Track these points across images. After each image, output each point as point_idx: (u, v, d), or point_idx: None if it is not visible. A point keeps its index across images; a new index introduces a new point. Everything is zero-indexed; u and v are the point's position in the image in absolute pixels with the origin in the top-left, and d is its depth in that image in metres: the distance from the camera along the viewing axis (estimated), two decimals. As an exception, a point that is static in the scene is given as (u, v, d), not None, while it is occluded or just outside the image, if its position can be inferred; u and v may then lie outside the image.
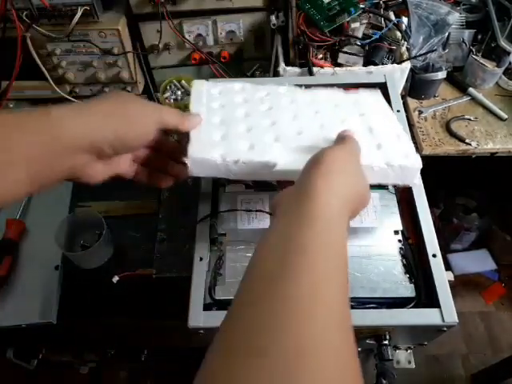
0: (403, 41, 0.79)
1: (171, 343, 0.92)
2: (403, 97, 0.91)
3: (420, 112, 0.91)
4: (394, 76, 0.71)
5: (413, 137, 0.85)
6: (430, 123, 0.90)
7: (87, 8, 0.75)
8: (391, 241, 0.55)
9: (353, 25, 0.77)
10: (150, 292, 0.70)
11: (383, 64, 0.77)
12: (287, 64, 0.78)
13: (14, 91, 0.84)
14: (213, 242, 0.55)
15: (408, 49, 0.80)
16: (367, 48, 0.78)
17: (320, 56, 0.77)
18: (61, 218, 0.74)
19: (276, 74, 0.81)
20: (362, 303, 0.50)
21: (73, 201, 0.79)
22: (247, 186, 0.60)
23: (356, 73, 0.75)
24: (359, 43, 0.77)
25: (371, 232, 0.56)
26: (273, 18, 0.80)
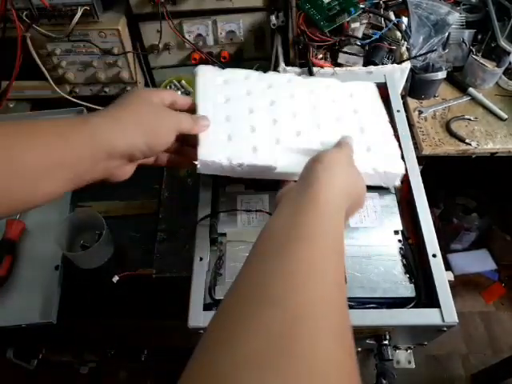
0: (403, 41, 0.79)
1: (171, 343, 0.91)
2: (403, 97, 0.91)
3: (420, 112, 0.91)
4: (394, 76, 0.71)
5: (413, 137, 0.85)
6: (430, 123, 0.90)
7: (87, 8, 0.75)
8: (391, 241, 0.55)
9: (353, 25, 0.77)
10: (150, 292, 0.70)
11: (383, 64, 0.77)
12: (287, 64, 0.78)
13: (14, 91, 0.85)
14: (213, 242, 0.55)
15: (408, 49, 0.80)
16: (367, 48, 0.78)
17: (320, 56, 0.77)
18: (61, 218, 0.74)
19: (276, 74, 0.81)
20: (362, 303, 0.50)
21: (73, 201, 0.79)
22: (247, 186, 0.60)
23: (356, 73, 0.75)
24: (359, 43, 0.77)
25: (371, 232, 0.56)
26: (273, 18, 0.80)
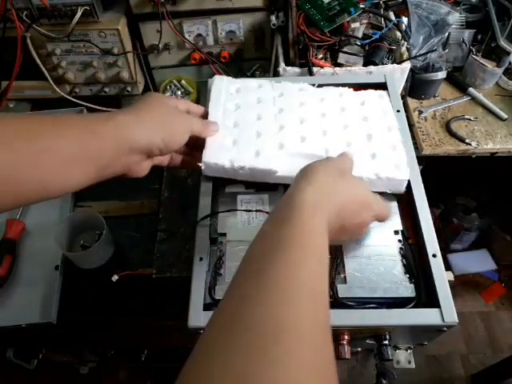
0: (403, 41, 0.79)
1: (171, 343, 0.91)
2: (403, 97, 0.91)
3: (420, 112, 0.91)
4: (394, 76, 0.71)
5: (413, 137, 0.85)
6: (430, 123, 0.90)
7: (87, 8, 0.75)
8: (391, 241, 0.55)
9: (353, 25, 0.77)
10: (150, 292, 0.70)
11: (383, 64, 0.77)
12: (287, 64, 0.78)
13: (14, 91, 0.85)
14: (213, 242, 0.55)
15: (408, 49, 0.80)
16: (367, 48, 0.78)
17: (320, 56, 0.77)
18: (61, 218, 0.74)
19: (276, 74, 0.81)
20: (362, 303, 0.50)
21: (73, 201, 0.79)
22: (247, 186, 0.60)
23: (356, 73, 0.75)
24: (359, 43, 0.77)
25: (371, 232, 0.56)
26: (273, 18, 0.80)
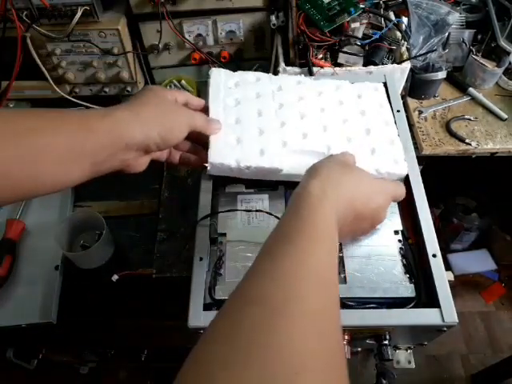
0: (403, 41, 0.79)
1: (171, 343, 0.91)
2: (403, 97, 0.91)
3: (420, 112, 0.91)
4: (394, 76, 0.71)
5: (413, 137, 0.85)
6: (430, 123, 0.90)
7: (87, 8, 0.75)
8: (391, 241, 0.55)
9: (353, 25, 0.77)
10: (150, 292, 0.70)
11: (383, 64, 0.77)
12: (287, 64, 0.78)
13: (14, 91, 0.84)
14: (213, 242, 0.55)
15: (408, 49, 0.80)
16: (367, 48, 0.78)
17: (320, 56, 0.77)
18: (61, 218, 0.74)
19: (276, 74, 0.80)
20: (362, 303, 0.50)
21: (73, 201, 0.79)
22: (247, 186, 0.60)
23: (356, 73, 0.75)
24: (359, 43, 0.77)
25: (371, 232, 0.56)
26: (273, 18, 0.80)
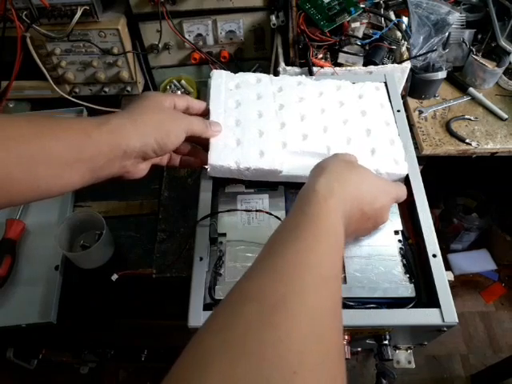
0: (403, 41, 0.79)
1: (171, 343, 0.91)
2: (403, 97, 0.91)
3: (420, 112, 0.91)
4: (394, 76, 0.71)
5: (413, 137, 0.85)
6: (430, 123, 0.90)
7: (87, 8, 0.75)
8: (391, 241, 0.55)
9: (353, 25, 0.77)
10: (150, 292, 0.70)
11: (383, 64, 0.77)
12: (287, 64, 0.78)
13: (14, 91, 0.84)
14: (213, 242, 0.55)
15: (408, 49, 0.80)
16: (367, 48, 0.78)
17: (320, 56, 0.77)
18: (61, 218, 0.74)
19: (276, 74, 0.80)
20: (362, 303, 0.50)
21: (73, 201, 0.79)
22: (247, 186, 0.60)
23: (356, 73, 0.75)
24: (359, 43, 0.77)
25: (373, 233, 0.55)
26: (273, 18, 0.80)
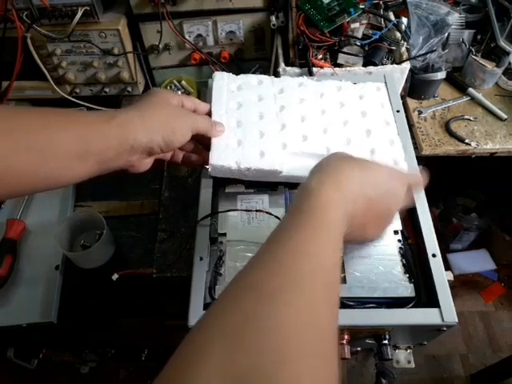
0: (403, 41, 0.80)
1: (171, 343, 0.91)
2: (403, 97, 0.91)
3: (420, 112, 0.91)
4: (394, 76, 0.71)
5: (412, 137, 0.85)
6: (430, 123, 0.90)
7: (87, 8, 0.75)
8: (391, 241, 0.55)
9: (352, 25, 0.77)
10: (151, 292, 0.71)
11: (383, 64, 0.77)
12: (287, 64, 0.78)
13: (15, 91, 0.84)
14: (213, 242, 0.55)
15: (408, 49, 0.80)
16: (367, 48, 0.78)
17: (320, 56, 0.77)
18: (61, 218, 0.74)
19: (276, 75, 0.81)
20: (362, 303, 0.50)
21: (73, 201, 0.79)
22: (247, 186, 0.60)
23: (356, 73, 0.75)
24: (359, 43, 0.77)
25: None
26: (273, 19, 0.80)
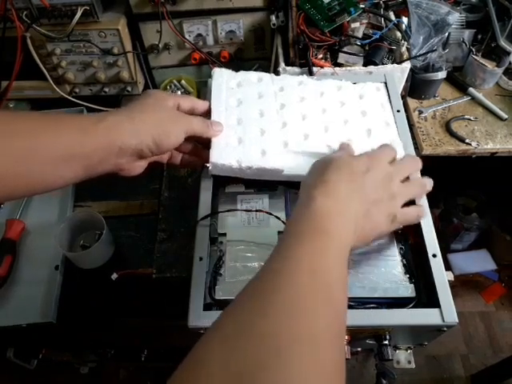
0: (403, 41, 0.79)
1: (171, 343, 0.91)
2: (403, 97, 0.90)
3: (420, 112, 0.91)
4: (394, 76, 0.71)
5: (413, 137, 0.85)
6: (430, 123, 0.90)
7: (87, 8, 0.75)
8: (391, 241, 0.55)
9: (353, 25, 0.77)
10: (150, 292, 0.70)
11: (383, 64, 0.77)
12: (287, 64, 0.78)
13: (14, 91, 0.84)
14: (213, 242, 0.55)
15: (408, 49, 0.80)
16: (367, 48, 0.78)
17: (320, 56, 0.77)
18: (61, 218, 0.74)
19: (276, 74, 0.80)
20: (362, 303, 0.50)
21: (73, 201, 0.79)
22: (247, 186, 0.60)
23: (356, 73, 0.75)
24: (359, 43, 0.77)
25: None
26: (273, 18, 0.80)
